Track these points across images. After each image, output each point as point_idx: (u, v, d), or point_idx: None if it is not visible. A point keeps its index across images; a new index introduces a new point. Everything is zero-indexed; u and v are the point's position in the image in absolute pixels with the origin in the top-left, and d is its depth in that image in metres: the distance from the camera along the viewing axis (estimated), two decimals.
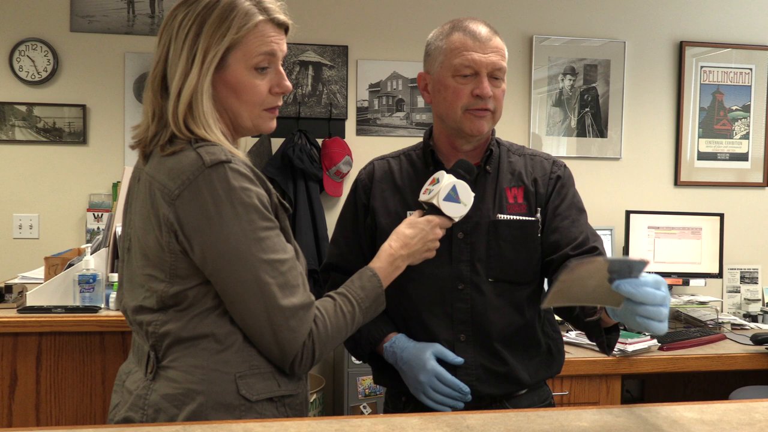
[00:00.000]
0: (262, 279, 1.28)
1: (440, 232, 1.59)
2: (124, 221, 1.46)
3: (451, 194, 1.56)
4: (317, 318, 1.35)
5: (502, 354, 1.68)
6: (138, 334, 1.40)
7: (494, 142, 1.78)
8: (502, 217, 1.69)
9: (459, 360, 1.65)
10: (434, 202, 1.56)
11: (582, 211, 1.76)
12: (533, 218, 1.70)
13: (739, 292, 4.02)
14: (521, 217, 1.70)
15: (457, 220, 1.60)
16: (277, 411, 1.35)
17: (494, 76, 1.67)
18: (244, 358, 1.32)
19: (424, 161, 1.78)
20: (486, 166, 1.74)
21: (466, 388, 1.61)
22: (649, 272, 1.22)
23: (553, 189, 1.74)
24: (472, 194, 1.60)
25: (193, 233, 1.27)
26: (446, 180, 1.57)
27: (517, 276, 1.70)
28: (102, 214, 3.52)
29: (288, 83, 1.45)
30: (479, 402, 1.67)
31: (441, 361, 1.64)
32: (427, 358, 1.62)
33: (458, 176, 1.60)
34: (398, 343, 1.69)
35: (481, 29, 1.69)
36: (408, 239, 1.54)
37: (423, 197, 1.60)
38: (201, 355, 1.31)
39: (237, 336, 1.32)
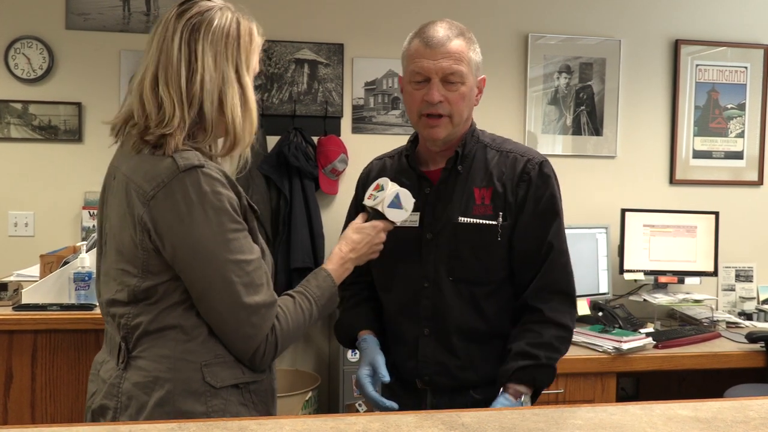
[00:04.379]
0: (228, 278, 1.37)
1: (384, 236, 1.71)
2: (101, 217, 1.54)
3: (394, 201, 1.69)
4: (279, 315, 1.45)
5: (459, 349, 1.75)
6: (110, 326, 1.48)
7: (470, 140, 1.79)
8: (462, 220, 1.73)
9: (386, 379, 1.72)
10: (379, 208, 1.69)
11: (554, 215, 1.75)
12: (494, 222, 1.72)
13: (734, 290, 4.03)
14: (481, 221, 1.73)
15: (398, 223, 1.72)
16: (242, 397, 1.44)
17: (449, 81, 1.70)
18: (209, 348, 1.41)
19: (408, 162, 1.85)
20: (459, 165, 1.77)
21: (383, 404, 1.68)
22: None
23: (526, 191, 1.73)
24: (413, 200, 1.71)
25: (165, 232, 1.35)
26: (390, 188, 1.70)
27: (476, 276, 1.75)
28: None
29: None
30: (442, 392, 1.77)
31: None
32: (360, 373, 1.74)
33: (401, 184, 1.73)
34: (362, 344, 1.83)
35: (437, 33, 1.71)
36: (355, 244, 1.67)
37: (368, 202, 1.72)
38: (168, 346, 1.39)
39: (203, 328, 1.41)
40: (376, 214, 1.71)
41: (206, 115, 1.42)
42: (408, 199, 1.71)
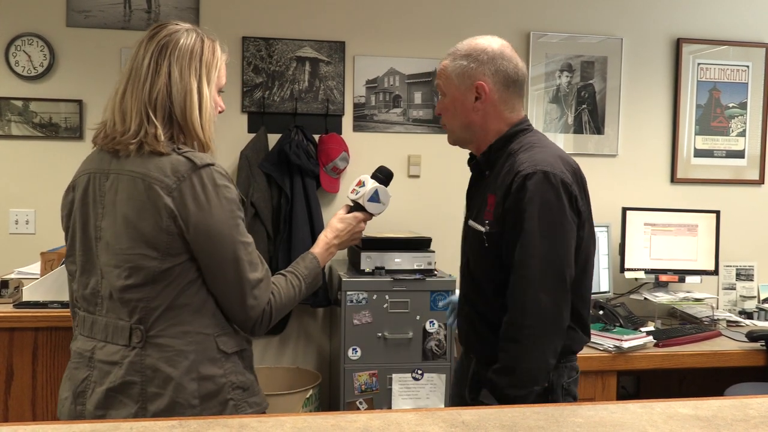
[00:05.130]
0: (238, 255, 1.61)
1: (364, 225, 1.96)
2: (86, 217, 1.70)
3: (373, 196, 1.94)
4: (273, 290, 1.69)
5: (482, 332, 1.92)
6: (114, 313, 1.61)
7: (497, 148, 1.89)
8: (470, 223, 1.93)
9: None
10: (360, 202, 1.94)
11: (520, 229, 1.73)
12: (482, 229, 1.85)
13: (734, 289, 4.03)
14: (477, 226, 1.88)
15: (377, 215, 1.96)
16: (242, 361, 1.69)
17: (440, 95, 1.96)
18: (216, 321, 1.64)
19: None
20: (486, 171, 1.93)
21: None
22: None
23: (510, 204, 1.77)
24: (390, 195, 1.97)
25: (189, 218, 1.57)
26: (370, 185, 1.94)
27: (480, 275, 1.93)
28: None
29: None
30: (480, 365, 1.91)
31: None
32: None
33: (379, 180, 1.96)
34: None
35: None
36: (339, 231, 1.92)
37: (351, 196, 1.96)
38: (185, 322, 1.60)
39: (209, 305, 1.63)
40: (357, 207, 1.95)
41: (179, 121, 1.63)
42: (385, 194, 1.95)
